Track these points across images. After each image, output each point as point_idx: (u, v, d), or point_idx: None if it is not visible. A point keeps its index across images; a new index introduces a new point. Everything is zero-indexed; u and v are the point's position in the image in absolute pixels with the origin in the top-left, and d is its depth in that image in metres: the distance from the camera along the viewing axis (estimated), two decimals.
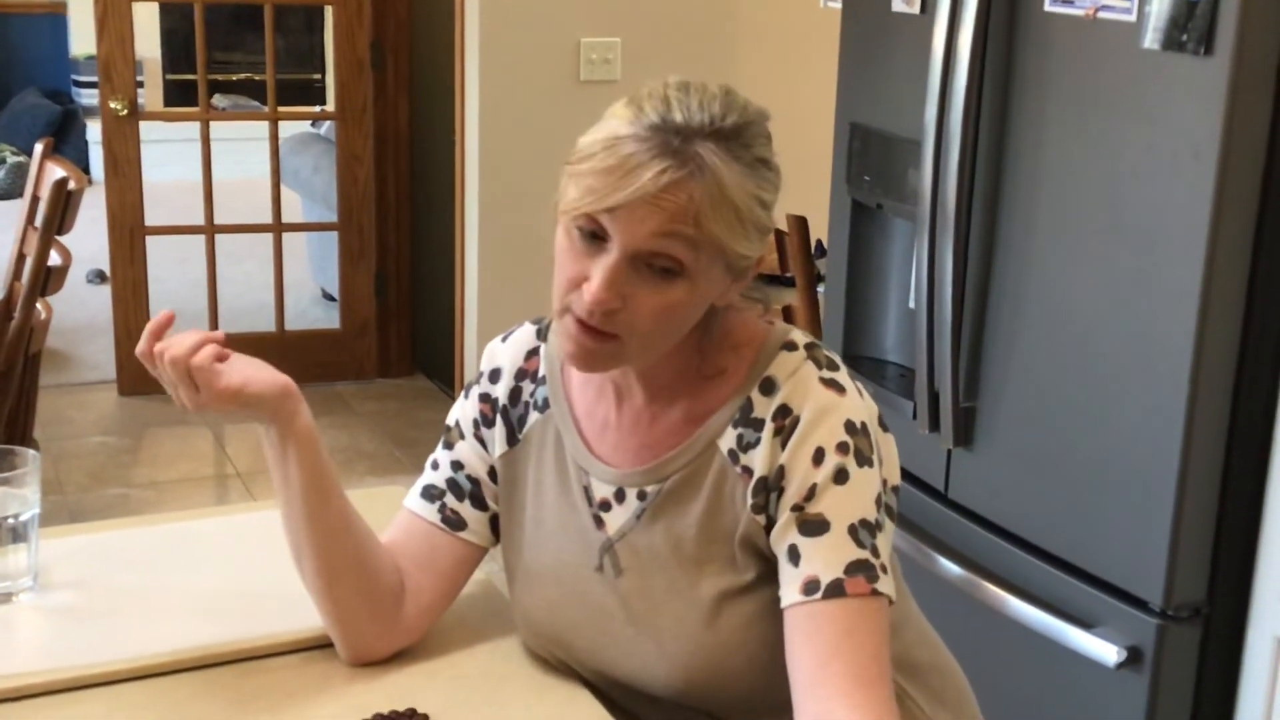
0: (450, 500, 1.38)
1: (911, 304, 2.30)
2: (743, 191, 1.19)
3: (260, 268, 4.73)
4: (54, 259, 2.90)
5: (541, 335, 1.39)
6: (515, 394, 1.38)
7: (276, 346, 4.61)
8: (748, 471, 1.25)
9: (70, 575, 1.48)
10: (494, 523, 1.40)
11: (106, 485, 3.82)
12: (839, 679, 1.17)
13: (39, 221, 2.94)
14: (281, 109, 4.64)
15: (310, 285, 5.36)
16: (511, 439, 1.37)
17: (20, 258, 3.07)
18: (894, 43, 2.28)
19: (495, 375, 1.39)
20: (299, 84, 7.27)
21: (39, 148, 3.20)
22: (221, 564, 1.53)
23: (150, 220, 4.40)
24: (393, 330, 4.71)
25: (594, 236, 1.19)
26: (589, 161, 1.18)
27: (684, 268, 1.18)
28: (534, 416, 1.36)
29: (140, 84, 4.42)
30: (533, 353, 1.38)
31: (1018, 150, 2.02)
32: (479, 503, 1.39)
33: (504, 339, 1.42)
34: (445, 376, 4.37)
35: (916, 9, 2.19)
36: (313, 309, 5.24)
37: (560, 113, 3.76)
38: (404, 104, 4.54)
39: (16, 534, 1.42)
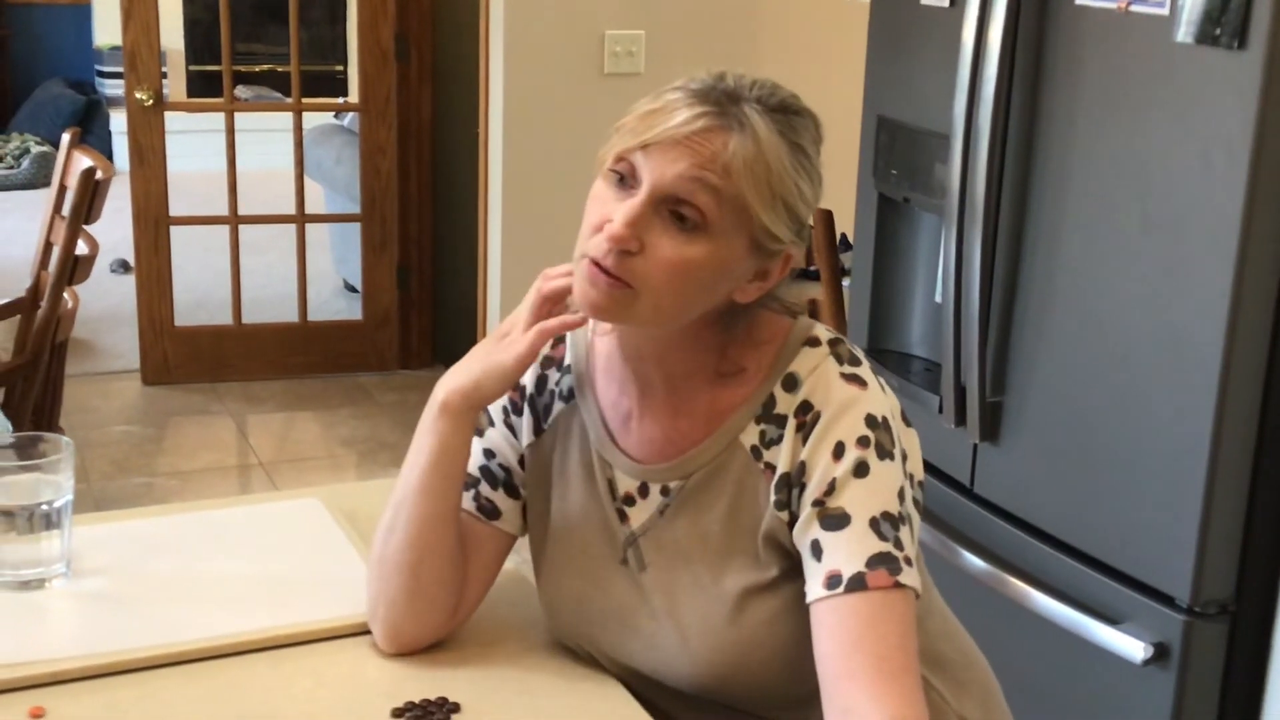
0: (484, 489, 1.38)
1: (938, 298, 2.29)
2: (780, 161, 1.19)
3: (282, 258, 4.75)
4: (81, 248, 2.92)
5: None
6: (541, 382, 1.38)
7: (299, 337, 4.63)
8: (770, 468, 1.25)
9: (101, 562, 1.49)
10: (525, 511, 1.40)
11: (130, 474, 3.84)
12: (863, 671, 1.16)
13: (66, 211, 2.95)
14: (305, 100, 4.65)
15: (332, 276, 5.37)
16: (538, 428, 1.37)
17: (47, 247, 3.09)
18: (922, 36, 2.27)
19: None
20: (321, 75, 7.28)
21: (66, 137, 3.21)
22: (251, 552, 1.54)
23: (174, 210, 4.42)
24: (414, 321, 4.72)
25: (625, 183, 1.20)
26: (634, 111, 1.21)
27: (706, 222, 1.18)
28: (559, 406, 1.37)
29: (164, 74, 4.44)
30: (559, 340, 1.38)
31: (1047, 144, 2.01)
32: (512, 490, 1.38)
33: None
34: None
35: (946, 2, 2.18)
36: (335, 300, 5.25)
37: (583, 105, 3.76)
38: (427, 95, 4.54)
39: (50, 520, 1.43)
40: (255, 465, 4.02)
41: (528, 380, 1.37)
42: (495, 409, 1.39)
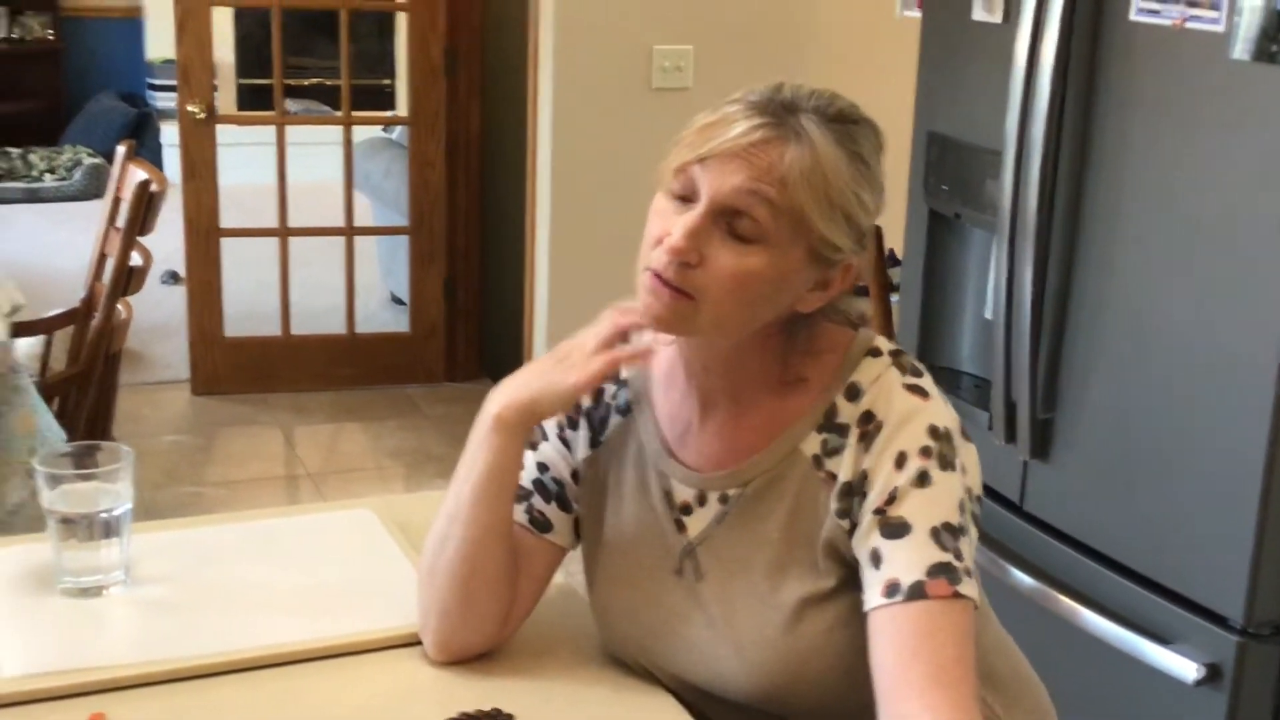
0: (537, 501, 1.39)
1: (988, 314, 2.29)
2: (837, 172, 1.20)
3: (329, 270, 4.78)
4: (134, 259, 2.95)
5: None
6: (597, 396, 1.38)
7: (347, 349, 4.67)
8: (831, 477, 1.25)
9: (159, 570, 1.51)
10: (577, 525, 1.40)
11: (180, 483, 3.88)
12: (919, 680, 1.16)
13: (121, 222, 2.99)
14: (355, 114, 4.69)
15: (379, 288, 5.41)
16: (594, 441, 1.38)
17: (101, 258, 3.13)
18: (974, 51, 2.27)
19: None
20: (369, 89, 7.32)
21: (121, 150, 3.25)
22: (305, 562, 1.55)
23: (223, 223, 4.46)
24: (461, 334, 4.74)
25: (685, 201, 1.21)
26: (693, 125, 1.22)
27: (764, 233, 1.19)
28: (615, 419, 1.37)
29: (214, 88, 4.49)
30: None
31: (1100, 160, 2.00)
32: (564, 504, 1.39)
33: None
34: None
35: (998, 18, 2.18)
36: (381, 312, 5.28)
37: (631, 120, 3.77)
38: (476, 110, 4.57)
39: (109, 528, 1.45)
40: (303, 476, 4.05)
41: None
42: (549, 423, 1.40)
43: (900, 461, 1.22)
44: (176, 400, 4.50)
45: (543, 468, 1.39)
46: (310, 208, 4.69)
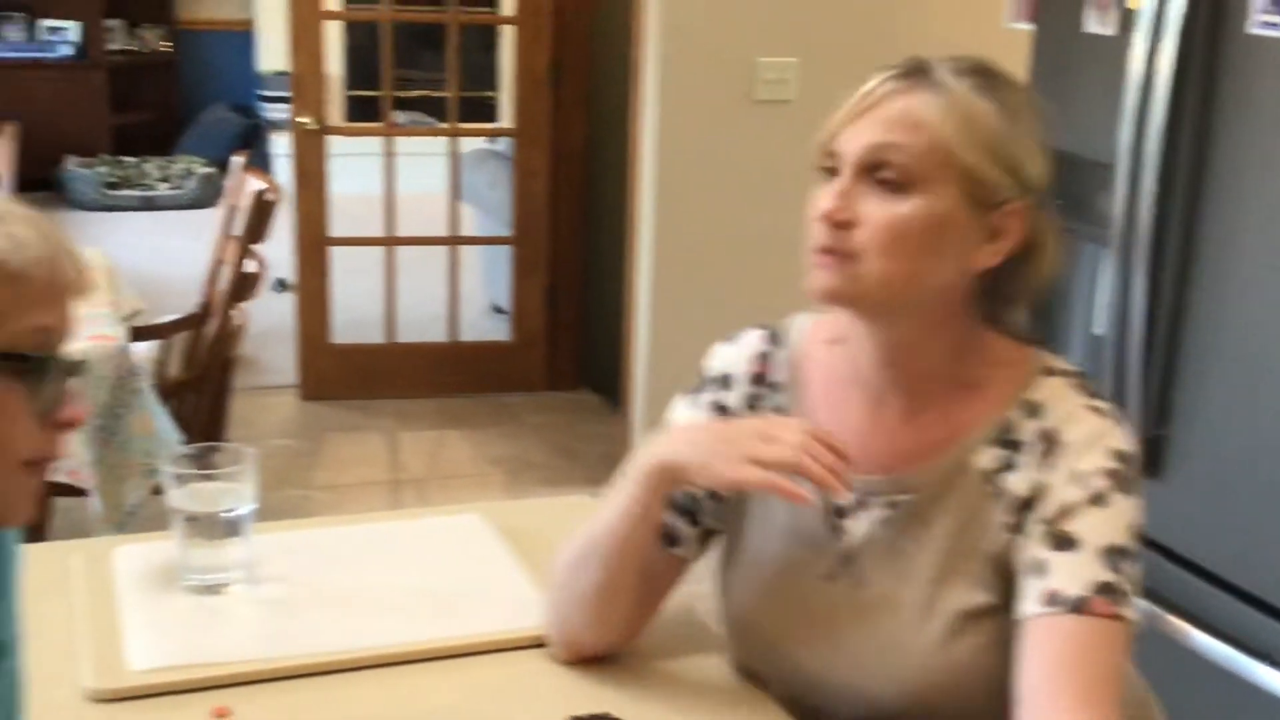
0: (668, 516, 1.38)
1: (1097, 329, 2.26)
2: (974, 107, 1.20)
3: (431, 279, 4.86)
4: (249, 266, 3.03)
5: (773, 340, 1.38)
6: (751, 400, 1.37)
7: (449, 357, 4.73)
8: (1004, 492, 1.24)
9: (278, 569, 1.55)
10: (703, 538, 1.40)
11: (288, 486, 3.96)
12: (1064, 695, 1.14)
13: (238, 230, 3.07)
14: (461, 125, 4.76)
15: (480, 298, 5.47)
16: None
17: (217, 265, 3.21)
18: (1086, 64, 2.25)
19: (726, 381, 1.38)
20: (473, 101, 7.41)
21: (237, 161, 3.34)
22: (419, 564, 1.58)
23: (330, 232, 4.55)
24: (562, 343, 4.78)
25: (833, 173, 1.23)
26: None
27: (910, 177, 1.19)
28: None
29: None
30: (763, 357, 1.38)
31: (1217, 175, 1.97)
32: (693, 519, 1.38)
33: (731, 343, 1.40)
34: (611, 391, 4.42)
35: (1112, 30, 2.16)
36: (482, 321, 5.34)
37: (734, 132, 3.78)
38: (580, 121, 4.61)
39: (232, 528, 1.49)
40: (406, 481, 4.11)
41: (734, 399, 1.37)
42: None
43: (1080, 479, 1.20)
44: (285, 405, 4.60)
45: None
46: (414, 217, 4.77)
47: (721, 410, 1.37)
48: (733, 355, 1.39)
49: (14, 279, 0.90)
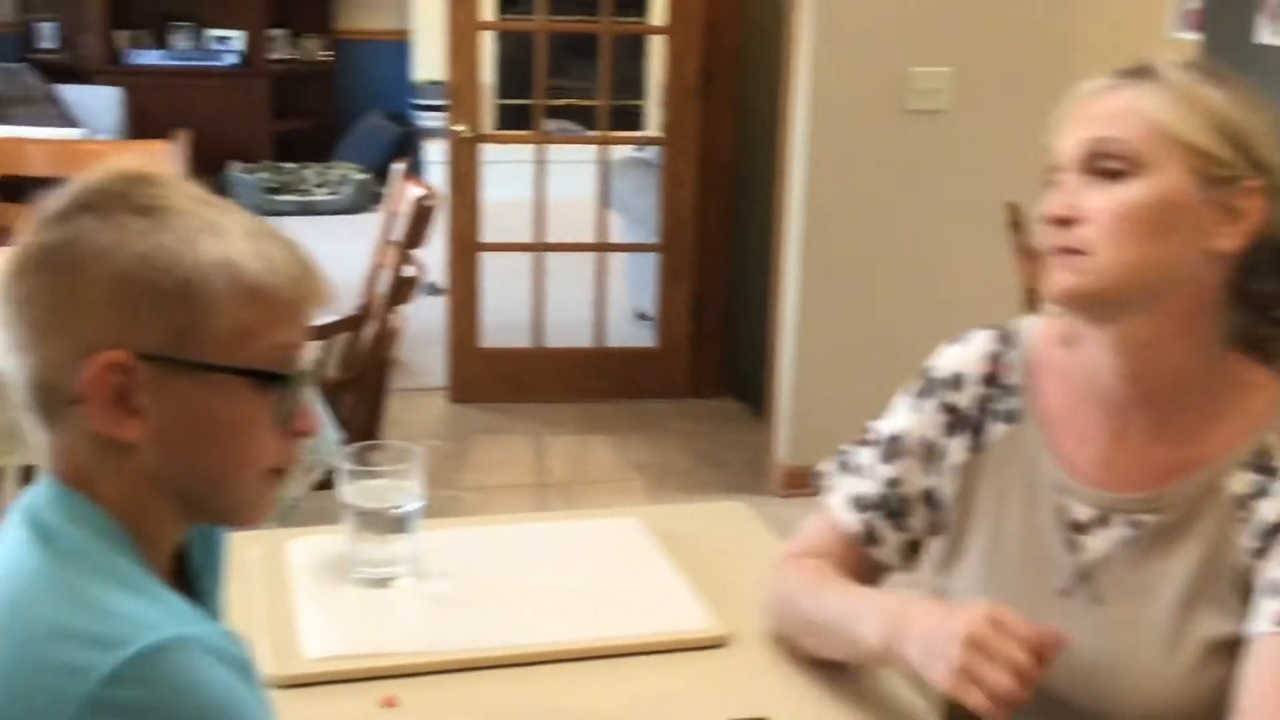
0: (875, 515, 1.38)
1: None
2: (1193, 88, 1.19)
3: (577, 285, 4.92)
4: (407, 271, 3.11)
5: (1004, 340, 1.36)
6: (982, 402, 1.35)
7: (594, 362, 4.79)
8: (1255, 517, 1.21)
9: (441, 565, 1.59)
10: (908, 548, 1.40)
11: (437, 487, 4.00)
12: None
13: (397, 235, 3.16)
14: (611, 133, 4.82)
15: (625, 304, 5.53)
16: (973, 448, 1.35)
17: (377, 269, 3.31)
18: (1257, 75, 2.19)
19: (957, 382, 1.36)
20: (620, 109, 7.50)
21: (398, 168, 3.43)
22: (578, 565, 1.61)
23: (481, 237, 4.64)
24: (706, 351, 4.81)
25: (1058, 176, 1.23)
26: None
27: (1132, 162, 1.18)
28: (999, 428, 1.33)
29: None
30: (994, 357, 1.35)
31: None
32: (901, 525, 1.38)
33: (959, 343, 1.39)
34: (754, 399, 4.43)
35: None
36: (626, 327, 5.39)
37: (885, 142, 3.77)
38: (729, 130, 4.64)
39: (399, 524, 1.54)
40: (552, 485, 4.17)
41: (965, 400, 1.35)
42: (915, 435, 1.37)
43: None
44: (434, 406, 4.70)
45: (893, 483, 1.38)
46: (561, 224, 4.84)
47: (951, 412, 1.35)
48: (963, 355, 1.37)
49: (266, 299, 0.94)
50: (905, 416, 1.39)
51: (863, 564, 1.40)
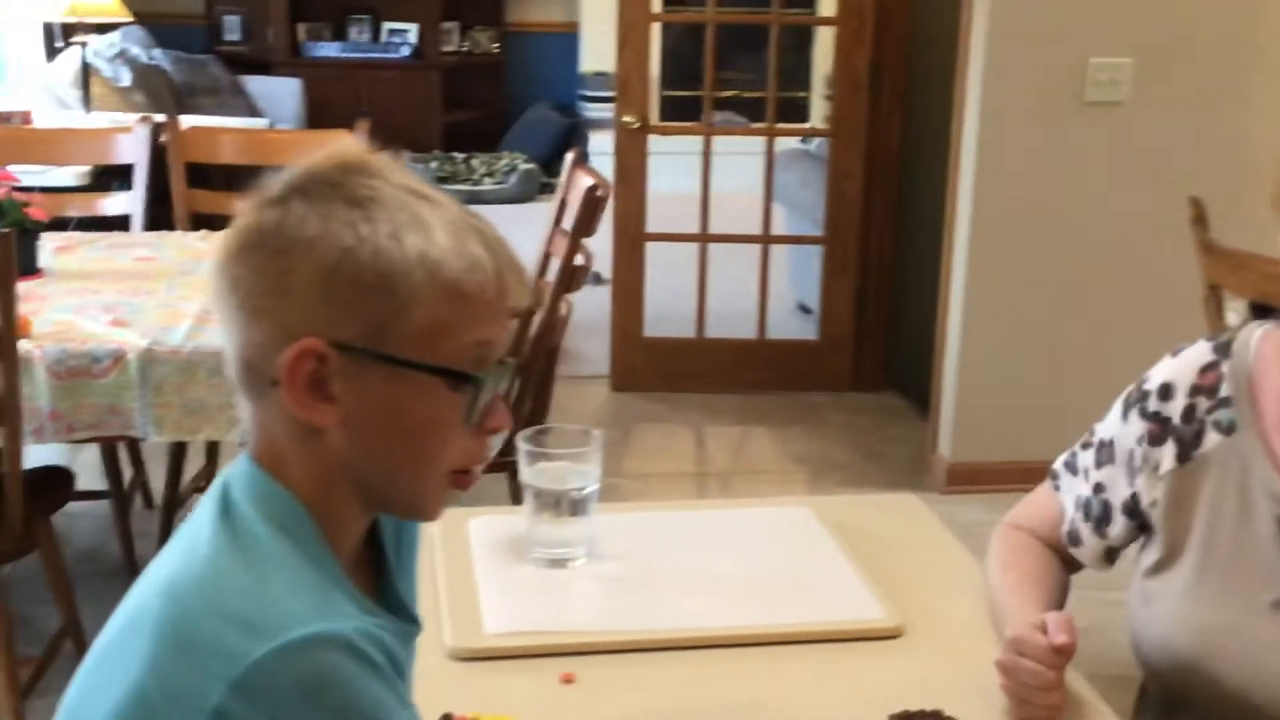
0: (1078, 516, 1.41)
1: None
2: None
3: (739, 276, 4.92)
4: (576, 259, 3.16)
5: (1220, 351, 1.35)
6: (1189, 411, 1.34)
7: (756, 353, 4.80)
8: None
9: (615, 548, 1.62)
10: (1105, 554, 1.42)
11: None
12: None
13: (567, 224, 3.21)
14: (777, 125, 4.81)
15: (787, 296, 5.51)
16: (1182, 457, 1.34)
17: (546, 257, 3.36)
18: None
19: (1166, 391, 1.36)
20: (785, 101, 7.48)
21: (569, 158, 3.48)
22: (749, 552, 1.63)
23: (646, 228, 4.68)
24: (868, 345, 4.77)
25: None
26: None
27: None
28: (1214, 438, 1.33)
29: None
30: (1208, 368, 1.35)
31: None
32: (1102, 532, 1.41)
33: (1174, 354, 1.39)
34: (917, 395, 4.38)
35: None
36: (787, 319, 5.38)
37: (1061, 134, 3.69)
38: (897, 123, 4.59)
39: (577, 506, 1.57)
40: (711, 474, 4.20)
41: (1174, 410, 1.35)
42: (1123, 444, 1.39)
43: None
44: (597, 394, 4.76)
45: (1098, 488, 1.40)
46: (724, 215, 4.85)
47: (1158, 420, 1.35)
48: (1176, 366, 1.37)
49: (466, 298, 0.94)
50: (1115, 424, 1.40)
51: (1064, 554, 1.44)
